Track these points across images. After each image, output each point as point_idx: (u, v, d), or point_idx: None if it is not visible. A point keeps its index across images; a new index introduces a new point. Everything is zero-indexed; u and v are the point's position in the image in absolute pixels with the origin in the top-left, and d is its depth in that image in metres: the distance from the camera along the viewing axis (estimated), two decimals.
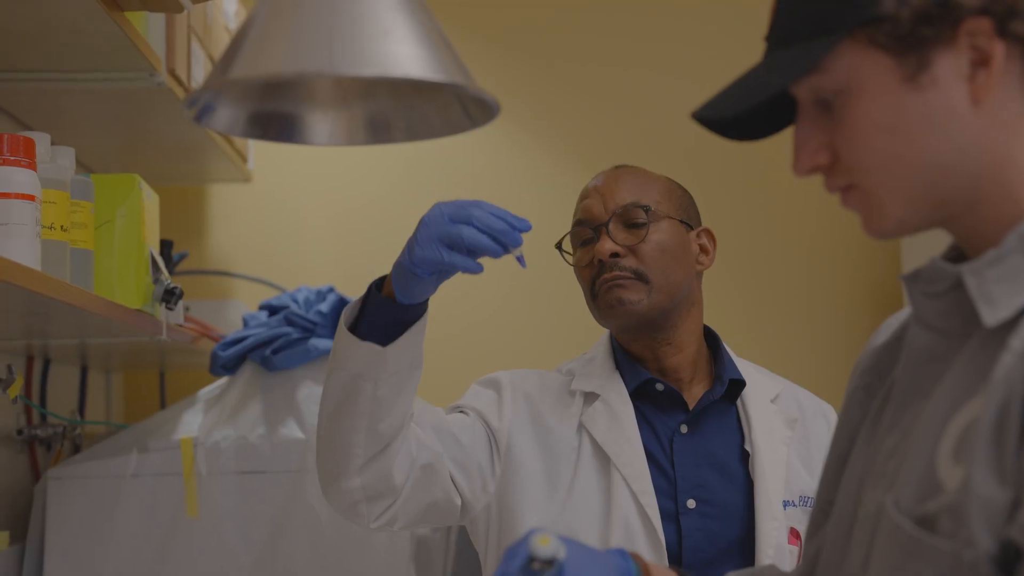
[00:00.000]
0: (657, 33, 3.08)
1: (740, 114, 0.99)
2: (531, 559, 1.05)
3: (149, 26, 1.93)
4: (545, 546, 1.04)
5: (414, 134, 1.20)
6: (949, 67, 0.94)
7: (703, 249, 1.81)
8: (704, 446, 1.72)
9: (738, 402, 1.77)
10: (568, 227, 1.81)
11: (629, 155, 2.96)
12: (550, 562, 1.04)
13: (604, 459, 1.70)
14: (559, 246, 1.82)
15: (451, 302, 2.86)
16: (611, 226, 1.74)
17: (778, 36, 1.00)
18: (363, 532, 2.24)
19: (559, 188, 2.95)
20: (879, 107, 0.95)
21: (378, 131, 1.20)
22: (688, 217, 1.80)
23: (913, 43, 0.93)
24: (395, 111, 1.20)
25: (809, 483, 1.71)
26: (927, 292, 0.99)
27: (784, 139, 1.06)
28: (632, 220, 1.74)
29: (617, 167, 1.83)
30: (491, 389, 1.78)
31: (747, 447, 1.72)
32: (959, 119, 0.94)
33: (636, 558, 1.14)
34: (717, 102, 1.01)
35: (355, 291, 2.86)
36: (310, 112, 1.21)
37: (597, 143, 3.05)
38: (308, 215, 3.04)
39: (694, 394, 1.76)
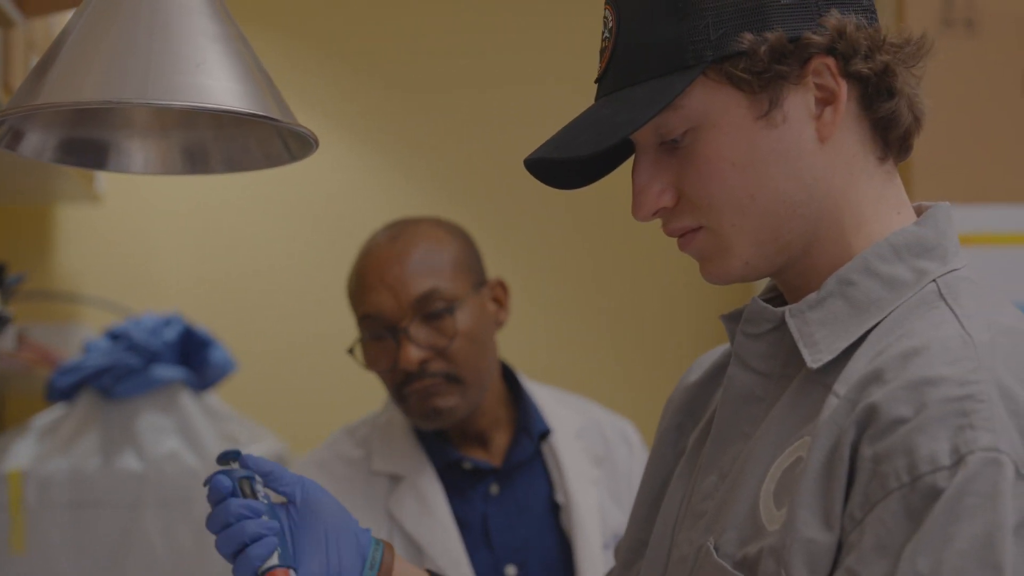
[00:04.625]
0: (506, 55, 3.09)
1: (595, 154, 0.96)
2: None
3: None
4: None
5: (233, 165, 1.17)
6: (798, 105, 0.95)
7: (498, 302, 1.67)
8: (517, 504, 1.65)
9: (544, 447, 1.69)
10: None
11: (482, 173, 3.00)
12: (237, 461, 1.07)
13: (417, 549, 1.60)
14: (352, 351, 1.63)
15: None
16: (412, 329, 1.56)
17: (622, 72, 0.97)
18: (202, 566, 2.18)
19: (412, 209, 2.94)
20: (732, 144, 0.95)
21: (196, 161, 1.17)
22: (479, 277, 1.65)
23: (768, 80, 0.94)
24: (214, 142, 1.17)
25: (621, 519, 1.66)
26: (747, 332, 1.00)
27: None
28: (431, 311, 1.57)
29: (392, 237, 1.63)
30: None
31: (559, 498, 1.65)
32: (807, 156, 0.96)
33: (386, 545, 1.10)
34: (565, 143, 0.97)
35: (207, 315, 2.85)
36: (126, 139, 1.18)
37: (449, 163, 3.06)
38: (159, 238, 2.97)
39: (498, 445, 1.67)
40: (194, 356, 2.35)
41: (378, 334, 1.60)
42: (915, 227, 0.98)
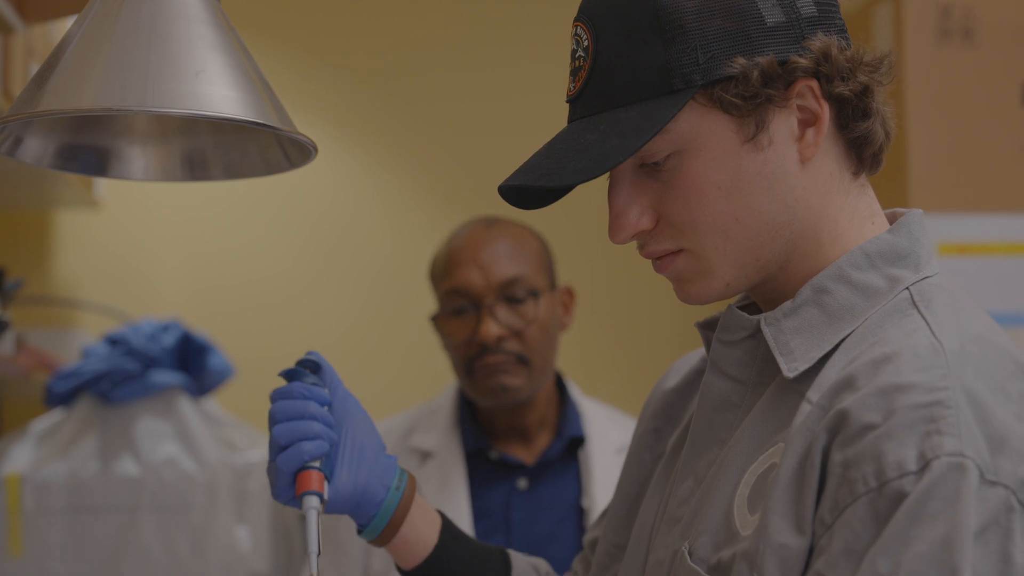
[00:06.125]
0: (507, 65, 3.10)
1: (586, 181, 0.94)
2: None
3: None
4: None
5: (233, 172, 1.17)
6: (783, 127, 0.95)
7: (565, 308, 1.79)
8: (542, 501, 1.71)
9: (580, 455, 1.75)
10: (423, 258, 1.77)
11: (481, 182, 3.00)
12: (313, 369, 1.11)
13: None
14: (435, 320, 1.75)
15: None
16: (496, 307, 1.69)
17: (602, 94, 0.96)
18: (198, 572, 2.18)
19: (411, 217, 2.96)
20: (719, 168, 0.95)
21: (196, 168, 1.18)
22: (554, 280, 1.78)
23: (757, 103, 0.94)
24: (214, 149, 1.18)
25: None
26: (723, 340, 1.00)
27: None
28: (513, 295, 1.70)
29: (488, 225, 1.77)
30: None
31: (584, 503, 1.71)
32: (790, 178, 0.96)
33: (409, 475, 1.13)
34: (553, 171, 0.95)
35: (205, 321, 2.85)
36: (126, 146, 1.18)
37: (447, 171, 3.06)
38: (158, 244, 2.97)
39: (538, 447, 1.75)
40: (192, 362, 2.35)
41: (461, 308, 1.71)
42: (888, 235, 0.99)
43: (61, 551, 2.15)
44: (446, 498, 1.68)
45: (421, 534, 1.12)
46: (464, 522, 1.66)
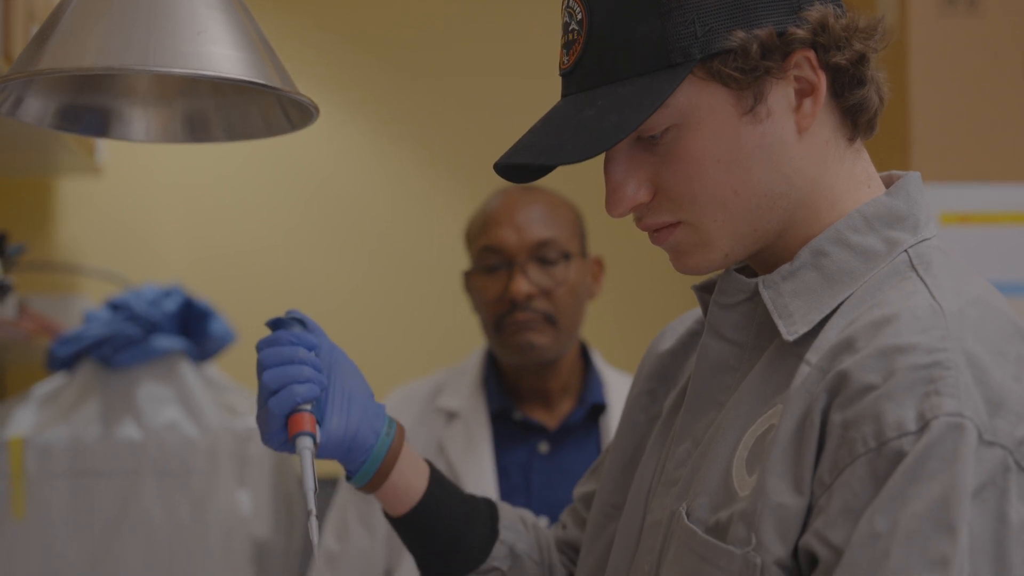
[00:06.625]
0: (510, 40, 3.09)
1: (586, 159, 0.94)
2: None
3: None
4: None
5: (234, 134, 1.17)
6: (780, 98, 0.95)
7: (594, 278, 1.84)
8: (562, 466, 1.73)
9: (601, 422, 1.78)
10: (424, 227, 1.79)
11: (482, 149, 2.98)
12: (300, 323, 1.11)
13: (457, 480, 1.71)
14: (467, 276, 1.80)
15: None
16: (528, 265, 1.73)
17: (598, 69, 0.95)
18: (200, 536, 2.19)
19: (415, 185, 2.95)
20: (717, 141, 0.94)
21: (197, 129, 1.18)
22: (585, 248, 1.82)
23: (756, 76, 0.93)
24: (215, 110, 1.18)
25: None
26: (721, 303, 1.01)
27: None
28: (546, 258, 1.74)
29: (526, 189, 1.80)
30: None
31: None
32: (788, 149, 0.96)
33: (398, 425, 1.14)
34: (551, 148, 0.94)
35: (207, 286, 2.85)
36: (127, 107, 1.18)
37: (449, 137, 3.05)
38: (160, 210, 2.98)
39: (560, 412, 1.78)
40: (194, 327, 2.35)
41: (494, 265, 1.75)
42: (886, 198, 0.99)
43: (63, 514, 2.16)
44: (472, 457, 1.71)
45: (410, 482, 1.13)
46: (489, 481, 1.70)
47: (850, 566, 0.83)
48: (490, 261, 1.75)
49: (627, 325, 3.08)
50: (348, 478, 1.13)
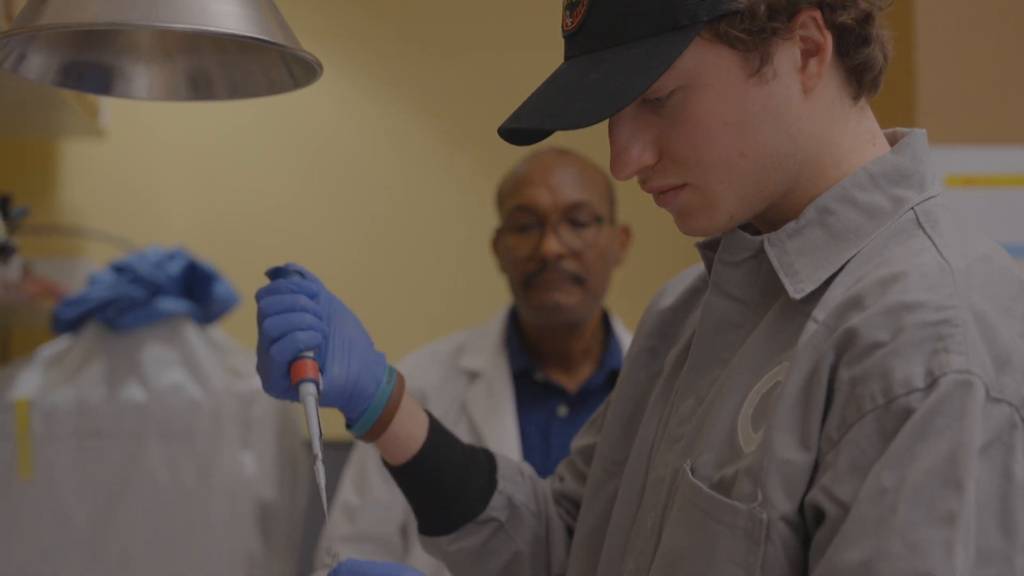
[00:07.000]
0: (516, 5, 3.07)
1: (594, 123, 0.93)
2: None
3: None
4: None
5: (237, 91, 1.17)
6: (786, 59, 0.95)
7: (621, 245, 1.86)
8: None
9: None
10: (428, 188, 1.79)
11: (487, 111, 2.98)
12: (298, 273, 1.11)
13: (479, 440, 1.73)
14: (498, 234, 1.81)
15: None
16: (560, 226, 1.74)
17: (603, 31, 0.94)
18: (204, 498, 2.20)
19: (418, 147, 2.94)
20: (724, 103, 0.94)
21: (200, 87, 1.17)
22: (614, 214, 1.84)
23: (763, 37, 0.93)
24: (219, 67, 1.17)
25: None
26: (725, 260, 1.00)
27: None
28: (577, 220, 1.76)
29: (560, 152, 1.82)
30: None
31: None
32: (794, 109, 0.96)
33: (399, 375, 1.14)
34: (557, 113, 0.94)
35: (211, 249, 2.85)
36: (130, 64, 1.17)
37: (454, 103, 3.04)
38: (164, 173, 2.97)
39: (580, 375, 1.80)
40: (198, 290, 2.36)
41: (526, 224, 1.77)
42: (892, 155, 0.99)
43: (68, 475, 2.17)
44: (495, 417, 1.73)
45: (410, 431, 1.13)
46: (512, 441, 1.72)
47: (857, 522, 0.84)
48: (522, 220, 1.77)
49: (647, 293, 3.08)
50: (348, 427, 1.13)
